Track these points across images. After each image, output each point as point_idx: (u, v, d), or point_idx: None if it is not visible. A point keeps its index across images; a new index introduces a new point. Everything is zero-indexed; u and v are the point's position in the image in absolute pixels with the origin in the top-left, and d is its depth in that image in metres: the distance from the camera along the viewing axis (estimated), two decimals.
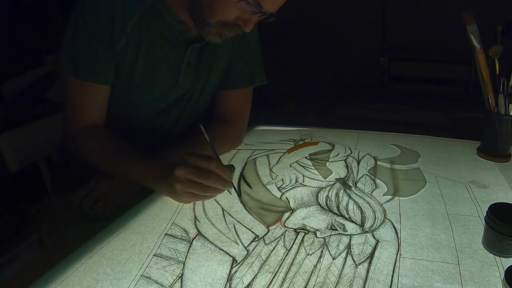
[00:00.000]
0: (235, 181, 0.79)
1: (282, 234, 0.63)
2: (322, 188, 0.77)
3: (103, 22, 0.78)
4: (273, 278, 0.54)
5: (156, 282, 0.53)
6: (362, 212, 0.68)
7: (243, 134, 1.00)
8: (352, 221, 0.66)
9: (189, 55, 0.86)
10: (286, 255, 0.58)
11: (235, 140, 0.98)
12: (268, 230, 0.64)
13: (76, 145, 0.85)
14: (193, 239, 0.62)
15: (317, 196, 0.74)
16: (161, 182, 0.72)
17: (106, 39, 0.79)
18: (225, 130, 0.95)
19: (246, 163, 0.88)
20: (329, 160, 0.89)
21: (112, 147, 0.83)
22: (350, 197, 0.73)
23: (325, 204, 0.71)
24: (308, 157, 0.90)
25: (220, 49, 0.91)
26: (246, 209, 0.70)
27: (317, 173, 0.83)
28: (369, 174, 0.82)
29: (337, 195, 0.74)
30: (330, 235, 0.62)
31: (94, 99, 0.85)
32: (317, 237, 0.62)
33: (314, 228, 0.64)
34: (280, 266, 0.56)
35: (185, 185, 0.68)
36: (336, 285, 0.52)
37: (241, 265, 0.56)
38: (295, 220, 0.67)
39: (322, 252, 0.58)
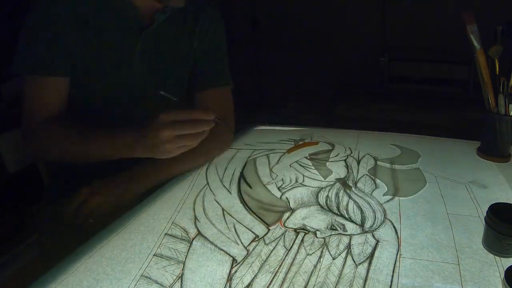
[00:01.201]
0: (235, 180, 0.80)
1: (282, 234, 0.63)
2: (322, 188, 0.77)
3: (54, 17, 0.79)
4: (273, 278, 0.54)
5: (156, 282, 0.53)
6: (362, 212, 0.68)
7: (232, 134, 0.97)
8: (352, 221, 0.66)
9: (142, 42, 0.86)
10: (286, 255, 0.58)
11: (226, 140, 0.95)
12: (268, 230, 0.64)
13: (38, 138, 0.83)
14: (193, 239, 0.62)
15: (317, 196, 0.74)
16: (141, 145, 0.72)
17: (58, 32, 0.80)
18: (212, 130, 0.94)
19: (246, 163, 0.88)
20: (329, 160, 0.89)
21: (77, 130, 0.80)
22: (350, 197, 0.73)
23: (325, 204, 0.71)
24: (308, 157, 0.90)
25: (178, 31, 0.91)
26: (246, 209, 0.70)
27: (317, 173, 0.83)
28: (369, 174, 0.82)
29: (337, 195, 0.74)
30: (330, 235, 0.62)
31: (52, 92, 0.83)
32: (317, 237, 0.62)
33: (314, 228, 0.64)
34: (280, 266, 0.56)
35: (175, 142, 0.70)
36: (336, 285, 0.52)
37: (241, 265, 0.56)
38: (295, 220, 0.67)
39: (322, 252, 0.58)
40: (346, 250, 0.58)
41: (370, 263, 0.56)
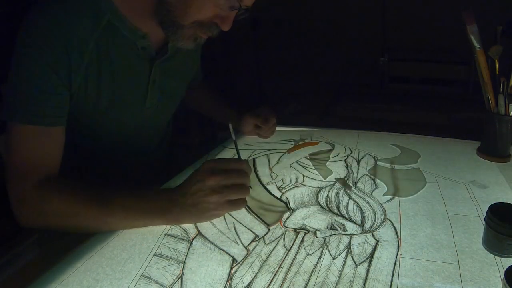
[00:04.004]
0: None
1: (282, 234, 0.63)
2: (322, 188, 0.77)
3: (53, 57, 0.65)
4: (273, 278, 0.53)
5: (156, 282, 0.53)
6: (362, 212, 0.68)
7: None
8: (352, 221, 0.66)
9: (154, 72, 0.79)
10: (286, 255, 0.58)
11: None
12: (268, 230, 0.64)
13: (35, 206, 0.63)
14: (193, 239, 0.62)
15: (317, 196, 0.74)
16: (175, 207, 0.61)
17: (60, 74, 0.67)
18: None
19: None
20: (329, 160, 0.89)
21: (93, 197, 0.63)
22: (350, 197, 0.73)
23: (325, 204, 0.71)
24: (308, 157, 0.90)
25: (188, 63, 0.88)
26: (246, 209, 0.70)
27: (317, 173, 0.83)
28: (369, 174, 0.82)
29: (337, 195, 0.74)
30: (330, 235, 0.62)
31: (51, 145, 0.68)
32: (317, 237, 0.62)
33: (314, 228, 0.64)
34: (280, 266, 0.56)
35: (223, 194, 0.61)
36: (336, 285, 0.52)
37: (241, 265, 0.56)
38: (295, 220, 0.67)
39: (322, 252, 0.58)
40: (346, 250, 0.58)
41: (370, 263, 0.56)
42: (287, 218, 0.67)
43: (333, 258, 0.57)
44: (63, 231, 0.63)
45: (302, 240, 0.61)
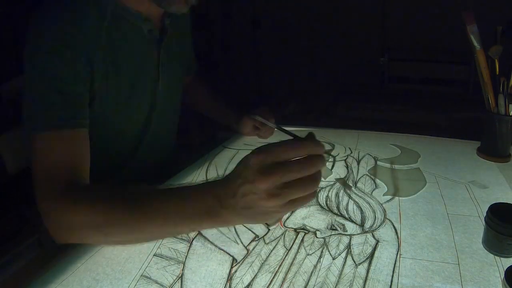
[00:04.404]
0: None
1: (282, 234, 0.63)
2: (322, 188, 0.77)
3: (71, 56, 0.64)
4: (273, 278, 0.53)
5: (156, 282, 0.53)
6: (362, 212, 0.68)
7: None
8: (352, 221, 0.66)
9: (162, 55, 0.81)
10: (286, 255, 0.58)
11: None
12: (268, 230, 0.64)
13: (64, 218, 0.57)
14: (193, 239, 0.62)
15: (317, 196, 0.74)
16: (229, 209, 0.47)
17: (79, 70, 0.66)
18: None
19: None
20: (329, 160, 0.89)
21: (118, 198, 0.56)
22: (350, 197, 0.73)
23: (325, 204, 0.71)
24: None
25: (180, 35, 0.89)
26: None
27: None
28: (369, 174, 0.82)
29: (337, 195, 0.74)
30: (330, 235, 0.62)
31: (76, 149, 0.64)
32: (317, 237, 0.62)
33: (314, 228, 0.64)
34: (280, 266, 0.56)
35: (282, 196, 0.44)
36: (336, 285, 0.52)
37: (241, 264, 0.56)
38: (295, 220, 0.67)
39: (322, 252, 0.58)
40: (346, 250, 0.58)
41: (370, 263, 0.56)
42: (287, 218, 0.67)
43: (333, 258, 0.57)
44: (100, 244, 0.58)
45: (302, 240, 0.61)
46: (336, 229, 0.64)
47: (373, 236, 0.61)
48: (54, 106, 0.63)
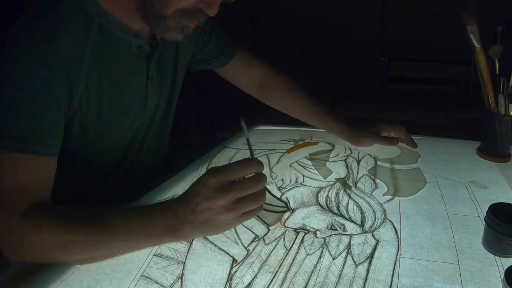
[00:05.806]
0: None
1: (282, 234, 0.63)
2: (322, 188, 0.77)
3: (45, 78, 0.61)
4: (273, 278, 0.53)
5: (156, 282, 0.53)
6: (362, 212, 0.68)
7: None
8: (352, 221, 0.66)
9: (151, 70, 0.76)
10: (286, 255, 0.58)
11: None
12: (268, 230, 0.64)
13: (22, 238, 0.56)
14: (193, 239, 0.62)
15: (317, 196, 0.74)
16: (188, 225, 0.55)
17: (55, 94, 0.62)
18: (279, 76, 1.04)
19: None
20: (329, 160, 0.89)
21: (82, 218, 0.58)
22: (350, 197, 0.73)
23: (325, 204, 0.71)
24: (308, 157, 0.90)
25: (179, 51, 0.84)
26: None
27: (317, 173, 0.83)
28: (369, 174, 0.82)
29: (337, 195, 0.74)
30: (330, 235, 0.62)
31: (39, 176, 0.61)
32: (317, 237, 0.62)
33: (314, 228, 0.64)
34: (280, 266, 0.56)
35: (237, 209, 0.54)
36: (336, 285, 0.52)
37: (241, 265, 0.56)
38: (295, 220, 0.67)
39: (322, 252, 0.58)
40: (346, 250, 0.58)
41: (370, 263, 0.56)
42: (287, 218, 0.67)
43: (333, 258, 0.57)
44: (64, 263, 0.57)
45: (302, 240, 0.61)
46: (336, 229, 0.64)
47: (373, 236, 0.62)
48: (23, 130, 0.60)
